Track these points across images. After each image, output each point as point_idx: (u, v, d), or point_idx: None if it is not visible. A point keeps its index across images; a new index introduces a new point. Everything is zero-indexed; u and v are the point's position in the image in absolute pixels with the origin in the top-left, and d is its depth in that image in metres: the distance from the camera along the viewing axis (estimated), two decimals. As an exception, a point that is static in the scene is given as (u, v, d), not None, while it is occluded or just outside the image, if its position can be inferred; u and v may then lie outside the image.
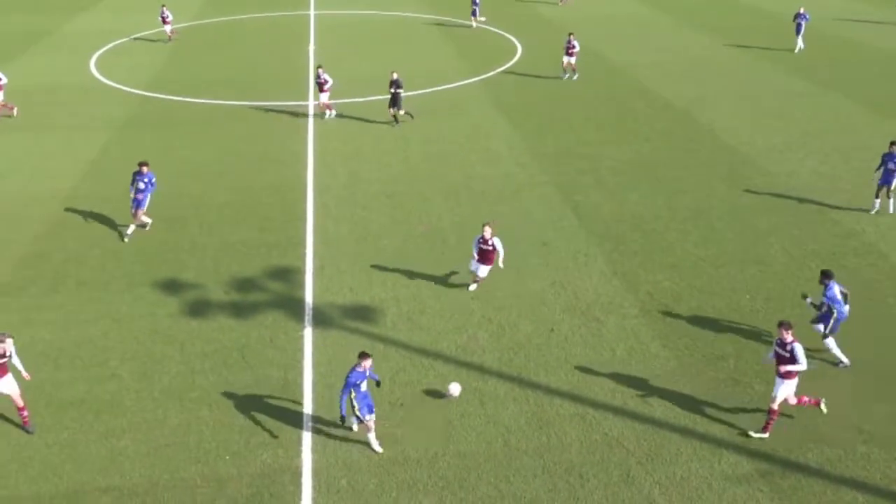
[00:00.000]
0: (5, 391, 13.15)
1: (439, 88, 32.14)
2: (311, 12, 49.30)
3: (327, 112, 28.47)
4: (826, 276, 14.87)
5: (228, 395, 14.11)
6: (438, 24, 45.26)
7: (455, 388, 13.99)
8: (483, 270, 17.16)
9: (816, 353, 14.71)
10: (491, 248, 16.92)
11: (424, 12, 47.42)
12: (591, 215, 21.06)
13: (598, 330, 15.97)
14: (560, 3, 50.59)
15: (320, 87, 27.78)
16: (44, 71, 35.72)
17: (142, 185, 19.74)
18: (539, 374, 14.73)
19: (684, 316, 16.49)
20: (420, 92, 31.68)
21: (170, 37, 40.94)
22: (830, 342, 14.86)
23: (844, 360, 14.86)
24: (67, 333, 15.97)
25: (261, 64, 36.93)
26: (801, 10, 37.86)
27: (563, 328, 16.13)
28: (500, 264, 17.06)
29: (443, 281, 17.88)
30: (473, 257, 17.17)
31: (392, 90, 27.35)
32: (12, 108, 28.89)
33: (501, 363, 15.06)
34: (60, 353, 15.36)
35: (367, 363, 12.38)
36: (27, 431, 13.29)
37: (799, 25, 37.51)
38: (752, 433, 13.16)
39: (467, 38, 41.64)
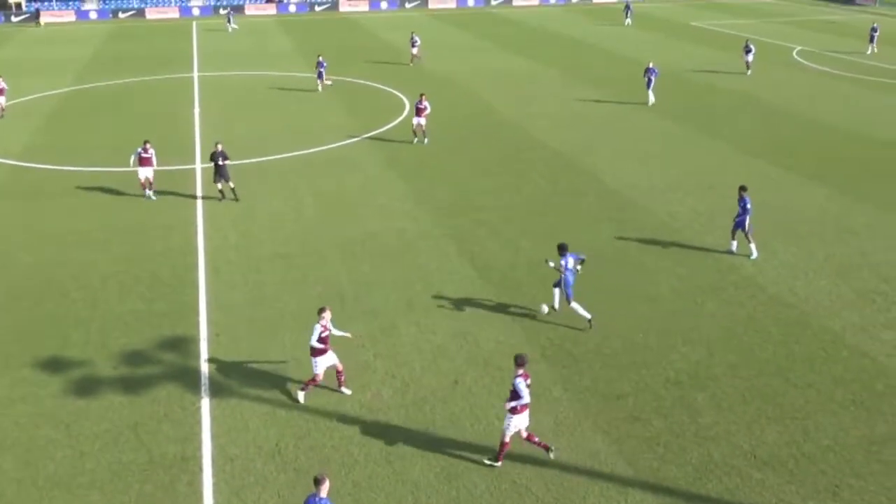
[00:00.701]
0: None
1: (332, 146, 32.16)
2: (195, 74, 48.69)
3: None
4: (561, 248, 17.90)
5: (120, 477, 13.40)
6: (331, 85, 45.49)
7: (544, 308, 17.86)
8: (322, 363, 15.23)
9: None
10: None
11: (312, 71, 47.49)
12: (488, 265, 21.32)
13: (501, 378, 16.04)
14: (411, 64, 50.50)
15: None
16: None
17: None
18: (445, 427, 14.66)
19: (583, 358, 16.80)
20: (310, 150, 31.61)
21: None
22: (575, 305, 17.84)
23: (587, 314, 17.77)
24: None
25: (145, 128, 36.05)
26: (651, 66, 39.50)
27: (466, 379, 16.15)
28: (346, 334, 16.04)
29: (341, 340, 17.64)
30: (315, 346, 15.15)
31: (215, 161, 25.58)
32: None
33: (407, 419, 14.91)
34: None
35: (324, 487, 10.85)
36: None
37: (649, 80, 38.93)
38: (486, 461, 13.58)
39: (356, 96, 41.93)
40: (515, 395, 13.12)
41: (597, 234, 23.20)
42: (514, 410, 13.21)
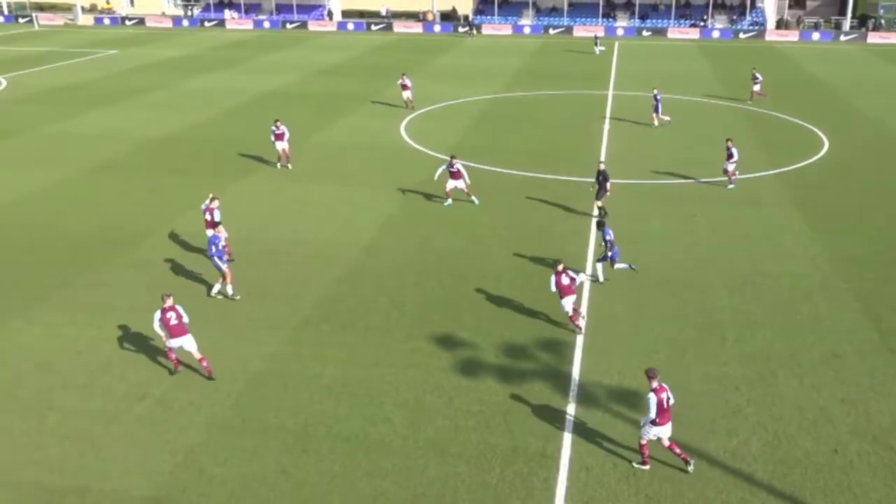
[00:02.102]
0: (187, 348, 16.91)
1: (734, 177, 31.08)
2: (610, 92, 50.10)
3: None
4: (599, 224, 21.84)
5: (487, 457, 14.43)
6: (741, 111, 43.94)
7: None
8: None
9: None
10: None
11: (722, 98, 46.20)
12: (894, 330, 19.05)
13: (893, 460, 14.28)
14: (749, 101, 45.87)
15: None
16: (362, 131, 39.58)
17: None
18: (815, 496, 13.47)
19: None
20: (709, 180, 30.85)
21: (407, 103, 43.94)
22: (619, 265, 21.20)
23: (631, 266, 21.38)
24: (350, 372, 17.30)
25: (554, 138, 38.07)
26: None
27: (848, 451, 14.64)
28: None
29: (716, 379, 17.04)
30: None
31: (599, 179, 26.41)
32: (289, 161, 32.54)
33: (773, 477, 13.96)
34: (343, 389, 16.65)
35: None
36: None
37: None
38: (635, 464, 14.07)
39: (770, 128, 39.94)
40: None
41: None
42: (654, 423, 13.72)
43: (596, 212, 26.88)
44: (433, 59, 64.71)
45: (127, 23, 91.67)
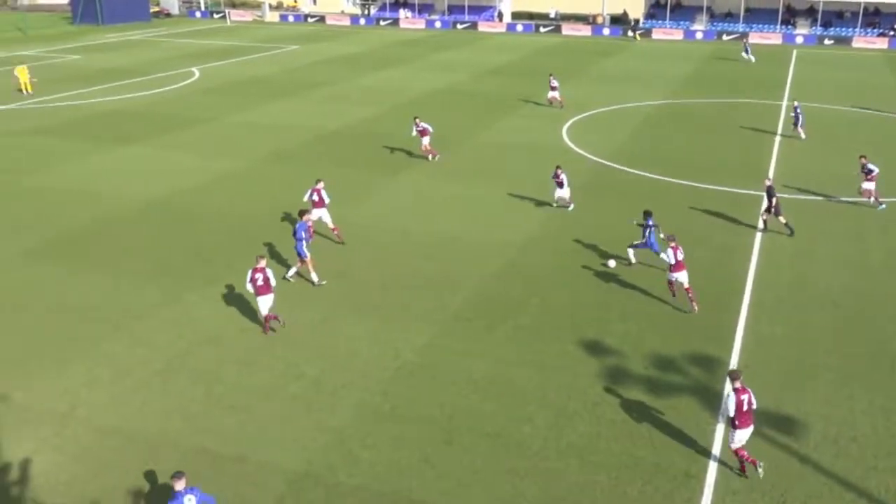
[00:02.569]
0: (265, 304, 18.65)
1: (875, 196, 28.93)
2: (784, 102, 47.74)
3: None
4: (646, 214, 22.31)
5: (628, 469, 14.24)
6: (930, 128, 40.76)
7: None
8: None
9: None
10: None
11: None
12: None
13: None
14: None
15: None
16: (525, 131, 39.77)
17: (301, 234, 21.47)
18: None
19: None
20: (891, 200, 28.81)
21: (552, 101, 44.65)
22: (664, 255, 20.90)
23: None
24: (497, 370, 17.52)
25: (718, 147, 36.73)
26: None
27: None
28: None
29: (883, 412, 15.98)
30: None
31: (768, 195, 25.31)
32: (436, 155, 33.84)
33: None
34: (489, 385, 16.90)
35: None
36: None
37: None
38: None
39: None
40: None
41: None
42: (734, 425, 13.73)
43: (761, 224, 25.80)
44: (599, 63, 63.95)
45: (309, 20, 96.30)
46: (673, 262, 19.81)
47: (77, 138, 38.26)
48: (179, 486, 11.88)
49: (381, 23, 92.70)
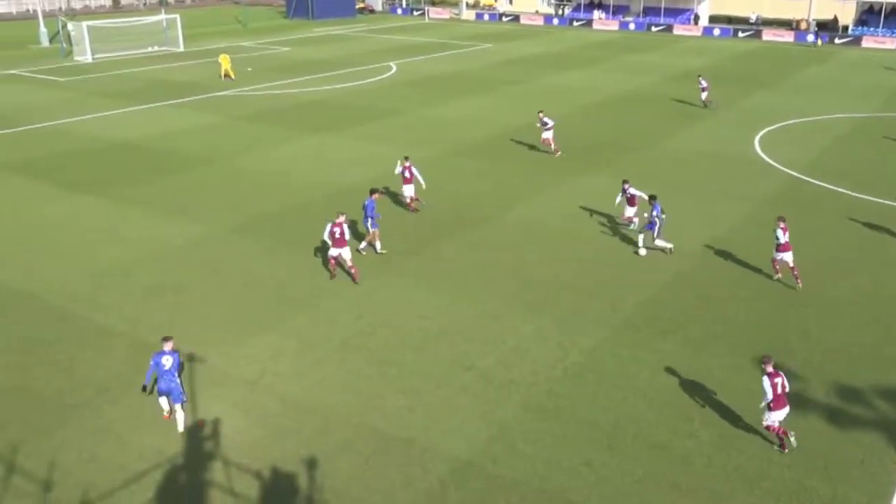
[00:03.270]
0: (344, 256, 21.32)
1: None
2: None
3: None
4: (652, 198, 23.46)
5: (800, 500, 13.63)
6: None
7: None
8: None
9: None
10: None
11: None
12: None
13: None
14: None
15: None
16: (712, 139, 38.44)
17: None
18: None
19: None
20: None
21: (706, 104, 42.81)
22: (659, 241, 23.41)
23: (669, 245, 23.65)
24: (665, 380, 17.24)
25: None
26: None
27: None
28: None
29: None
30: None
31: None
32: (558, 151, 34.78)
33: None
34: (655, 395, 16.67)
35: None
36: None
37: None
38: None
39: None
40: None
41: None
42: (769, 407, 14.52)
43: None
44: (800, 71, 60.46)
45: (503, 19, 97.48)
46: (781, 241, 21.03)
47: (282, 125, 41.03)
48: (167, 346, 15.33)
49: (575, 23, 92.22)
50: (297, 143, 37.47)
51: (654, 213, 23.31)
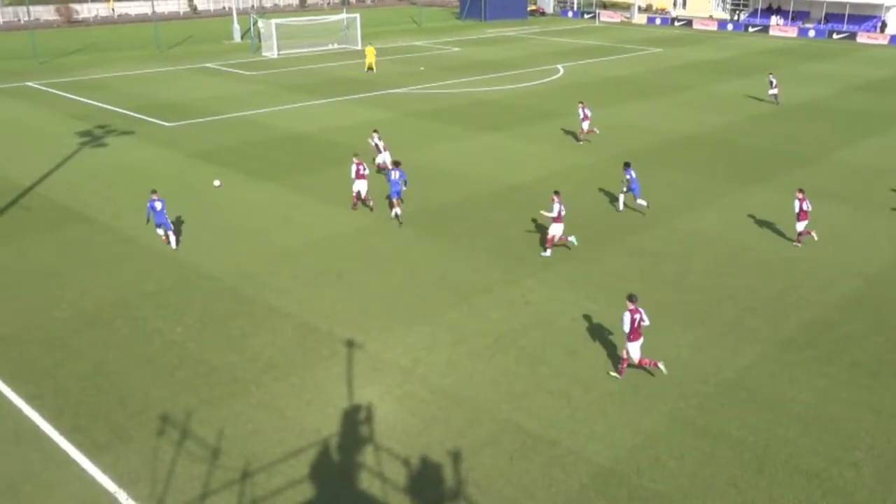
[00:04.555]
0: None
1: None
2: None
3: None
4: (626, 165, 27.15)
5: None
6: None
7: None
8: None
9: None
10: None
11: None
12: None
13: None
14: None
15: None
16: (888, 154, 36.10)
17: None
18: None
19: None
20: None
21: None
22: (641, 201, 27.13)
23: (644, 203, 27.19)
24: (825, 406, 16.45)
25: None
26: None
27: None
28: None
29: None
30: None
31: None
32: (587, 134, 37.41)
33: None
34: (812, 420, 15.97)
35: None
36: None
37: None
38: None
39: None
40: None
41: None
42: (628, 338, 16.83)
43: None
44: None
45: (676, 24, 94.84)
46: (798, 210, 24.08)
47: (449, 123, 42.08)
48: (156, 196, 22.13)
49: (750, 29, 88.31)
50: (464, 141, 38.33)
51: (630, 177, 26.68)
